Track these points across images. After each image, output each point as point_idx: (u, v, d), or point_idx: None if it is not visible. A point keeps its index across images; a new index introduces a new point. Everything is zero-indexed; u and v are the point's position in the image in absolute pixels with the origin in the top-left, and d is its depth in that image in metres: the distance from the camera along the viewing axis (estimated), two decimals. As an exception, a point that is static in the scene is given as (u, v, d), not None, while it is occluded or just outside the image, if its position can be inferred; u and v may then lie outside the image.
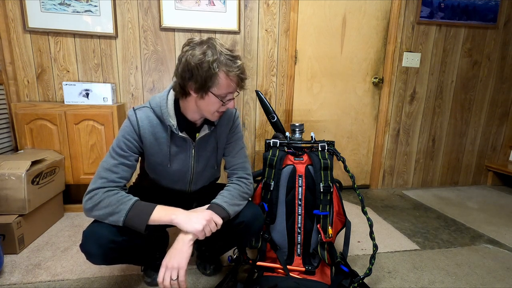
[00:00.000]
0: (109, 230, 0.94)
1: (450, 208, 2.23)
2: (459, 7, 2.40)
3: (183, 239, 0.93)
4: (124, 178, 1.00)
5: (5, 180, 1.47)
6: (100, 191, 0.94)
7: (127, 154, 1.00)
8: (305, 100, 2.38)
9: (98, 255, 0.94)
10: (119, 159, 0.99)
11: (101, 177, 0.96)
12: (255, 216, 1.12)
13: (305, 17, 2.24)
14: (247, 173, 1.18)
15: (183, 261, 0.91)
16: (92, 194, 0.94)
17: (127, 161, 1.00)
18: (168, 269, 0.90)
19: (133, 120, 1.01)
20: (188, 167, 1.12)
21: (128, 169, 1.01)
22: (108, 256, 0.96)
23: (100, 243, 0.93)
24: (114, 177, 0.97)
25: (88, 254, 0.95)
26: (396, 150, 2.59)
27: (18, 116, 1.77)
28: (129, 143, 1.01)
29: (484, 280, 1.37)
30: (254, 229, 1.13)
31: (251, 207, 1.14)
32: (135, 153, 1.03)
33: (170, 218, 0.93)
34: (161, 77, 2.13)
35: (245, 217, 1.10)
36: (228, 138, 1.18)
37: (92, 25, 1.96)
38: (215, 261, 1.38)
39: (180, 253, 0.92)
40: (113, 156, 0.99)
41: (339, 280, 1.23)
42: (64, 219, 1.88)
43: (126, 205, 0.92)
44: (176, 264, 0.90)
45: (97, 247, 0.93)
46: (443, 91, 2.55)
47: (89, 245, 0.94)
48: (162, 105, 1.01)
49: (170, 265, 0.90)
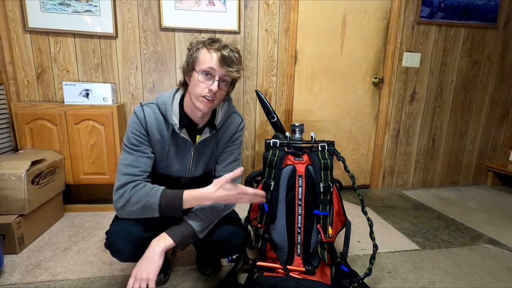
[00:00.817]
0: (137, 227, 0.97)
1: (450, 208, 2.23)
2: (459, 7, 2.40)
3: (154, 249, 0.92)
4: (146, 170, 1.01)
5: (5, 180, 1.47)
6: (129, 186, 0.95)
7: (141, 147, 1.01)
8: (305, 100, 2.38)
9: (128, 252, 0.97)
10: (135, 153, 1.00)
11: (124, 173, 0.97)
12: (232, 235, 1.09)
13: (305, 17, 2.24)
14: None
15: (152, 272, 0.89)
16: (122, 192, 0.95)
17: (143, 153, 1.01)
18: (137, 280, 0.88)
19: (141, 115, 1.01)
20: (186, 169, 1.10)
21: (148, 160, 1.02)
22: (136, 253, 0.97)
23: (130, 240, 0.96)
24: (136, 171, 0.98)
25: (117, 252, 0.96)
26: (396, 150, 2.59)
27: (18, 116, 1.77)
28: (139, 138, 1.01)
29: (484, 280, 1.37)
30: (231, 246, 1.10)
31: (230, 224, 1.10)
32: (147, 145, 1.03)
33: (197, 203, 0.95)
34: (161, 77, 2.13)
35: (220, 235, 1.07)
36: (226, 145, 1.15)
37: (92, 25, 1.96)
38: (215, 261, 1.38)
39: (150, 263, 0.90)
40: (129, 151, 1.00)
41: (339, 280, 1.23)
42: (64, 219, 1.88)
43: (156, 197, 0.93)
44: (145, 275, 0.89)
45: (128, 244, 0.96)
46: (443, 91, 2.55)
47: (118, 243, 0.96)
48: (167, 103, 1.02)
49: (139, 276, 0.89)
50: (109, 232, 0.98)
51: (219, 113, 1.09)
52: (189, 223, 0.99)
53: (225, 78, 0.98)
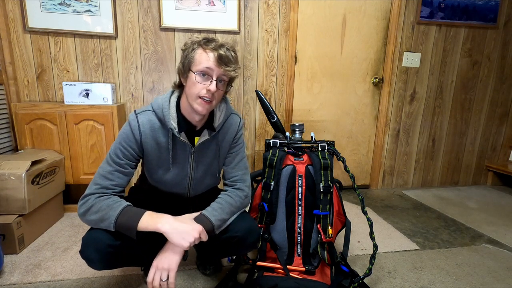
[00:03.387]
0: (106, 235, 0.94)
1: (450, 208, 2.23)
2: (459, 7, 2.40)
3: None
4: (119, 185, 0.99)
5: (5, 180, 1.47)
6: (93, 196, 0.94)
7: (122, 162, 0.99)
8: (305, 100, 2.38)
9: (97, 261, 0.94)
10: (114, 166, 0.98)
11: (96, 183, 0.96)
12: (249, 231, 1.09)
13: (305, 17, 2.24)
14: (246, 185, 1.15)
15: (173, 263, 0.90)
16: (86, 200, 0.94)
17: (123, 168, 0.99)
18: (158, 270, 0.89)
19: (134, 125, 0.99)
20: (187, 172, 1.09)
21: (124, 176, 1.00)
22: (107, 261, 0.96)
23: (98, 248, 0.93)
24: (108, 184, 0.96)
25: (87, 260, 0.94)
26: (396, 150, 2.59)
27: (18, 116, 1.77)
28: (125, 151, 0.99)
29: (484, 280, 1.37)
30: (248, 243, 1.10)
31: (246, 221, 1.10)
32: (131, 161, 1.01)
33: (156, 227, 0.90)
34: (161, 77, 2.13)
35: (239, 232, 1.06)
36: (230, 147, 1.15)
37: (92, 25, 1.96)
38: (215, 261, 1.38)
39: (172, 254, 0.91)
40: (109, 162, 0.99)
41: (339, 280, 1.23)
42: (64, 219, 1.88)
43: (116, 211, 0.91)
44: (167, 265, 0.89)
45: (95, 252, 0.93)
46: (443, 91, 2.55)
47: (88, 251, 0.93)
48: (164, 107, 1.00)
49: (161, 266, 0.89)
50: (82, 240, 0.96)
51: (217, 114, 1.08)
52: (208, 217, 0.99)
53: (222, 77, 0.97)
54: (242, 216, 1.11)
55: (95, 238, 0.93)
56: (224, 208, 1.04)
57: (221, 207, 1.04)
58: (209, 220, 0.99)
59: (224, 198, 1.08)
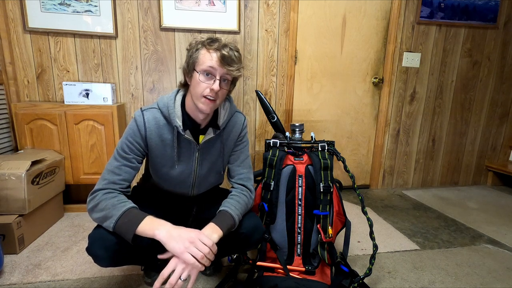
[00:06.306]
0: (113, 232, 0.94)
1: (450, 208, 2.23)
2: (459, 7, 2.40)
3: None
4: (126, 179, 1.00)
5: (5, 180, 1.47)
6: (101, 192, 0.95)
7: (129, 157, 1.01)
8: (305, 100, 2.38)
9: (105, 258, 0.94)
10: (121, 161, 0.99)
11: (104, 178, 0.98)
12: (255, 228, 1.10)
13: (305, 17, 2.24)
14: (252, 184, 1.17)
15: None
16: (94, 195, 0.95)
17: (130, 163, 1.01)
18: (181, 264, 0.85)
19: (140, 121, 1.01)
20: (191, 170, 1.10)
21: (131, 171, 1.01)
22: (114, 258, 0.96)
23: (106, 245, 0.93)
24: (116, 179, 0.98)
25: (95, 257, 0.94)
26: (396, 150, 2.59)
27: (18, 116, 1.77)
28: (132, 146, 1.01)
29: (484, 280, 1.37)
30: (253, 240, 1.11)
31: (253, 218, 1.12)
32: (137, 156, 1.03)
33: (153, 233, 0.87)
34: (161, 77, 2.13)
35: (246, 228, 1.08)
36: (235, 145, 1.16)
37: (92, 25, 1.96)
38: (215, 261, 1.38)
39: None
40: (116, 158, 1.00)
41: (339, 280, 1.23)
42: (64, 219, 1.88)
43: (118, 211, 0.91)
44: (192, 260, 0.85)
45: (103, 250, 0.93)
46: (443, 91, 2.55)
47: (95, 249, 0.93)
48: (169, 105, 1.02)
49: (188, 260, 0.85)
50: (89, 237, 0.96)
51: (222, 113, 1.09)
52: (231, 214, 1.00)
53: (226, 77, 0.98)
54: (248, 214, 1.12)
55: (102, 235, 0.94)
56: (242, 206, 1.07)
57: (239, 203, 1.06)
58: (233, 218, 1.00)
59: (240, 196, 1.10)
